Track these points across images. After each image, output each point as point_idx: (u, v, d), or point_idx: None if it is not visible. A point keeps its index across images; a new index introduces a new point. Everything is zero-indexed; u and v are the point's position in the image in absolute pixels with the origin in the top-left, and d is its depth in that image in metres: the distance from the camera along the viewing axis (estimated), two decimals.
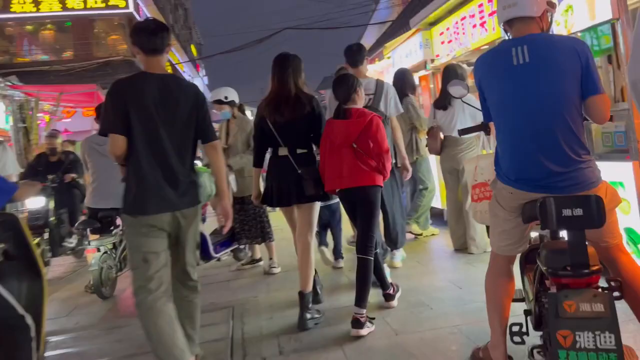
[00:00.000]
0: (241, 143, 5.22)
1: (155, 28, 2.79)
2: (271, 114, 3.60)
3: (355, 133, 3.40)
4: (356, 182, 3.41)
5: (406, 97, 5.73)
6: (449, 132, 5.00)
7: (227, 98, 5.19)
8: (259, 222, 5.25)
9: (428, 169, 5.88)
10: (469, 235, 4.96)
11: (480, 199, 3.04)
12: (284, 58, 3.67)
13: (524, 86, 2.17)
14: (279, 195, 3.67)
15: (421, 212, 5.86)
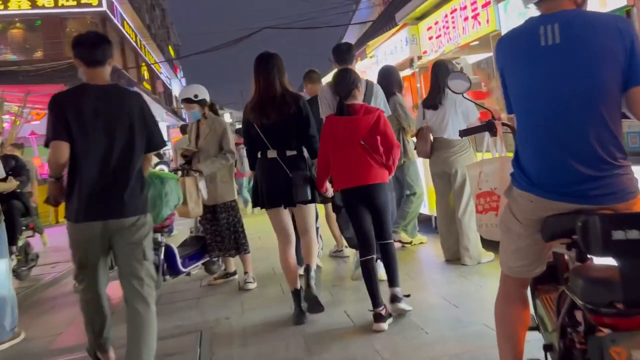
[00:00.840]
0: (213, 146, 4.75)
1: (96, 40, 2.87)
2: (257, 117, 3.54)
3: (364, 130, 3.35)
4: (367, 180, 3.37)
5: (393, 95, 5.32)
6: (440, 133, 4.60)
7: (197, 96, 4.72)
8: (233, 233, 4.78)
9: (416, 173, 5.48)
10: (462, 245, 4.56)
11: (486, 210, 2.63)
12: (267, 57, 3.59)
13: (552, 72, 1.74)
14: (269, 197, 3.62)
15: (409, 219, 5.45)
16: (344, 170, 3.43)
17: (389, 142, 3.43)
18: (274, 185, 3.59)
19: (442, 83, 4.58)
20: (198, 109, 4.75)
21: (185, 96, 4.75)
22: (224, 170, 4.79)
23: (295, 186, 3.50)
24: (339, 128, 3.42)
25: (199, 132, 4.83)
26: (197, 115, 4.79)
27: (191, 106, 4.73)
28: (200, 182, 4.62)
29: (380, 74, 5.48)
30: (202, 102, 4.75)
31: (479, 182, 2.68)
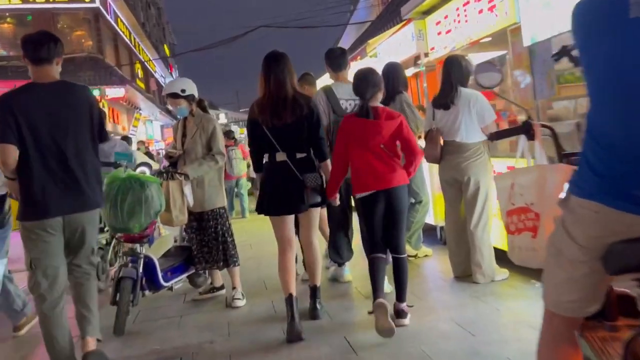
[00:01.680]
0: (201, 146, 4.29)
1: (42, 39, 2.93)
2: (268, 118, 3.40)
3: (386, 135, 3.30)
4: (390, 183, 3.32)
5: (399, 94, 4.87)
6: (451, 136, 4.16)
7: (184, 91, 4.26)
8: (222, 243, 4.32)
9: (422, 180, 5.04)
10: (474, 260, 4.11)
11: (520, 230, 2.18)
12: (278, 57, 3.47)
13: None
14: (278, 203, 3.48)
15: (414, 230, 5.01)
16: (364, 174, 3.34)
17: (412, 148, 3.37)
18: (284, 189, 3.44)
19: (455, 81, 4.15)
20: (185, 105, 4.29)
21: (171, 90, 4.29)
22: (213, 174, 4.33)
23: (308, 189, 3.39)
24: (360, 130, 3.31)
25: (186, 130, 4.37)
26: (184, 112, 4.33)
27: (177, 102, 4.26)
28: (186, 187, 4.16)
29: (384, 72, 5.03)
30: (190, 97, 4.29)
31: (510, 195, 2.23)
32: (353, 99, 4.16)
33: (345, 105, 4.23)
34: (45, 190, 2.83)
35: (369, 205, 3.39)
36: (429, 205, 5.08)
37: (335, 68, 4.33)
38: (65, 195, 2.86)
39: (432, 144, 4.26)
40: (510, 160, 4.32)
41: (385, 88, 4.97)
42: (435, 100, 4.30)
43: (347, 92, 4.12)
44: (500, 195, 2.39)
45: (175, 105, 4.29)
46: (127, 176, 3.71)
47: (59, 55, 2.96)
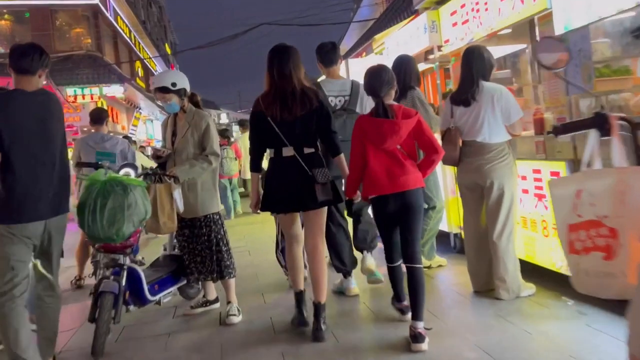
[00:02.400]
0: (194, 146, 3.87)
1: (27, 50, 3.00)
2: (276, 111, 3.26)
3: (404, 135, 3.14)
4: (407, 185, 3.16)
5: (411, 89, 4.47)
6: (472, 135, 3.73)
7: (175, 85, 3.83)
8: (216, 253, 3.89)
9: (436, 183, 4.60)
10: (497, 274, 3.68)
11: (587, 249, 1.74)
12: (282, 49, 3.34)
13: None
14: (286, 200, 3.33)
15: (427, 238, 4.57)
16: (378, 175, 3.17)
17: (435, 146, 3.21)
18: (292, 185, 3.29)
19: (476, 74, 3.72)
20: (176, 100, 3.86)
21: (160, 84, 3.86)
22: (206, 176, 3.91)
23: (319, 185, 3.24)
24: (376, 130, 3.15)
25: (176, 128, 3.95)
26: (174, 108, 3.90)
27: (167, 97, 3.84)
28: (176, 191, 3.73)
29: (395, 65, 4.61)
30: (182, 92, 3.86)
31: (575, 205, 1.80)
32: (343, 96, 4.08)
33: (334, 102, 4.07)
34: (16, 195, 2.86)
35: (382, 207, 3.24)
36: (443, 212, 4.64)
37: (326, 63, 4.18)
38: (45, 200, 2.94)
39: (451, 145, 3.82)
40: (535, 162, 3.90)
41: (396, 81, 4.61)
42: (453, 96, 3.87)
43: (337, 88, 4.10)
44: (559, 205, 1.94)
45: (164, 101, 3.87)
46: (108, 179, 3.29)
47: (43, 68, 3.02)
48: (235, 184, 10.01)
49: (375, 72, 3.27)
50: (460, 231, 5.10)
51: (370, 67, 3.38)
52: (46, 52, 3.07)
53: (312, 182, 3.24)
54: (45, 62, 3.02)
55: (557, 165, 3.62)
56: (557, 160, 3.68)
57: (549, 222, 3.74)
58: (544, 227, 3.80)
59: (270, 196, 3.37)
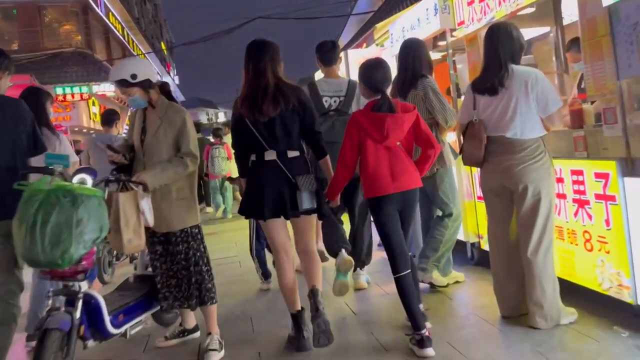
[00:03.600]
0: (167, 146, 3.23)
1: None
2: (249, 112, 3.06)
3: (406, 129, 3.04)
4: (409, 184, 3.04)
5: (422, 78, 3.83)
6: (500, 130, 3.09)
7: (135, 77, 3.19)
8: (195, 274, 3.26)
9: (452, 187, 3.96)
10: (532, 297, 3.04)
11: None
12: (259, 44, 3.15)
13: None
14: (267, 205, 3.08)
15: (443, 251, 3.93)
16: (383, 174, 2.99)
17: (433, 141, 3.07)
18: (275, 192, 3.07)
19: (504, 56, 3.09)
20: (140, 95, 3.22)
21: (117, 77, 3.20)
22: (183, 182, 3.28)
23: (301, 192, 3.05)
24: (379, 126, 2.95)
25: (146, 124, 3.31)
26: (140, 104, 3.26)
27: (128, 91, 3.20)
28: (144, 200, 3.09)
29: (403, 50, 3.98)
30: (145, 83, 3.22)
31: None
32: (338, 96, 3.99)
33: (329, 103, 3.99)
34: None
35: (385, 208, 3.03)
36: (460, 220, 4.00)
37: (325, 62, 4.13)
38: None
39: (474, 142, 3.18)
40: (574, 162, 3.27)
41: (403, 71, 3.97)
42: (476, 84, 3.22)
43: (333, 88, 4.02)
44: None
45: (126, 95, 3.23)
46: (55, 187, 2.64)
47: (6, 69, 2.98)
48: (226, 184, 9.64)
49: (376, 66, 3.11)
50: (478, 240, 4.48)
51: (367, 60, 3.20)
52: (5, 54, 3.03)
53: (294, 190, 3.04)
54: (4, 64, 2.96)
55: (605, 165, 2.99)
56: (603, 160, 3.04)
57: (593, 233, 3.11)
58: (587, 240, 3.17)
59: (251, 201, 3.14)
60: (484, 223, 4.25)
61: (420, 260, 3.90)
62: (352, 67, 7.52)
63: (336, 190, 3.13)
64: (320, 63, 4.15)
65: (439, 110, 3.73)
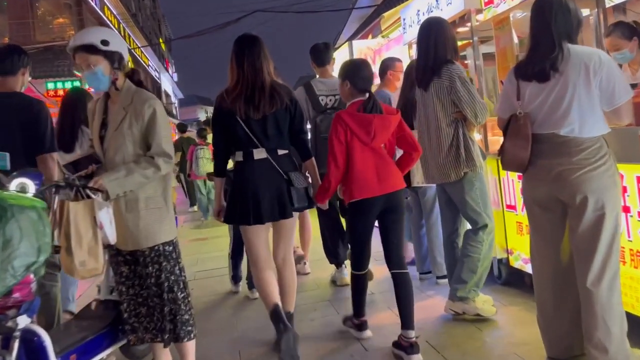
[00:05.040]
0: (133, 143, 2.60)
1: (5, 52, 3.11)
2: (244, 108, 2.91)
3: (392, 130, 3.03)
4: (395, 186, 3.01)
5: (447, 64, 3.19)
6: (552, 126, 2.46)
7: (106, 44, 2.56)
8: (169, 303, 2.64)
9: (483, 194, 3.32)
10: (592, 337, 2.39)
11: None
12: (253, 40, 3.02)
13: None
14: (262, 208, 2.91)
15: (482, 272, 3.27)
16: (368, 175, 2.97)
17: (415, 144, 3.13)
18: (267, 191, 2.95)
19: (558, 33, 2.45)
20: (104, 68, 2.58)
21: (83, 41, 2.57)
22: (154, 188, 2.65)
23: (297, 189, 2.98)
24: (366, 127, 2.95)
25: (107, 116, 2.67)
26: (102, 82, 2.61)
27: (92, 60, 2.56)
28: (103, 211, 2.46)
29: (422, 32, 3.35)
30: (115, 57, 2.60)
31: None
32: (334, 95, 4.10)
33: (325, 102, 4.13)
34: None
35: (369, 211, 3.01)
36: (494, 232, 3.36)
37: (319, 63, 4.27)
38: None
39: (518, 140, 2.54)
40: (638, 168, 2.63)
41: (424, 56, 3.34)
42: (522, 68, 2.58)
43: (329, 87, 4.14)
44: None
45: (87, 66, 2.57)
46: None
47: (25, 66, 3.11)
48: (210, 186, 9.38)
49: (362, 65, 3.14)
50: (506, 255, 3.85)
51: (351, 60, 3.28)
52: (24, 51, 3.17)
53: (288, 187, 2.96)
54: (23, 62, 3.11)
55: None
56: None
57: None
58: None
59: (240, 206, 2.96)
60: (513, 236, 3.63)
61: (456, 288, 3.30)
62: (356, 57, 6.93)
63: (329, 192, 3.05)
64: (314, 64, 4.32)
65: (467, 102, 3.10)
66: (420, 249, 4.34)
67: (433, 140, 3.28)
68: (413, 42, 5.25)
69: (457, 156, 3.17)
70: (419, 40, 3.39)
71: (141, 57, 28.98)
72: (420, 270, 4.34)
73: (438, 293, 3.91)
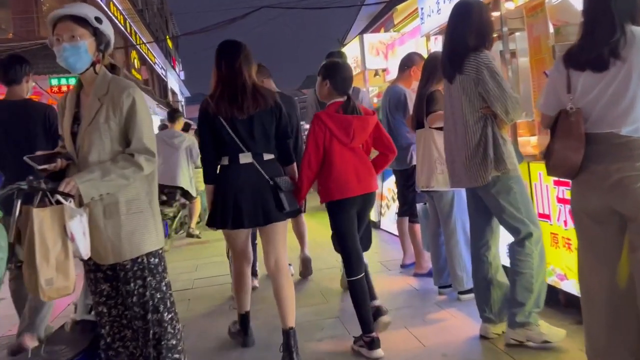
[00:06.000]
0: (111, 139, 2.22)
1: (9, 62, 3.40)
2: (228, 108, 2.88)
3: (370, 132, 3.12)
4: (372, 187, 3.10)
5: (474, 53, 2.77)
6: (608, 124, 2.06)
7: (100, 21, 2.23)
8: (154, 325, 2.26)
9: (525, 198, 2.84)
10: None
11: None
12: (231, 44, 3.04)
13: None
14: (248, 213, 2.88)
15: (539, 288, 2.80)
16: (347, 175, 3.00)
17: (392, 146, 3.22)
18: (253, 197, 2.87)
19: (619, 14, 2.04)
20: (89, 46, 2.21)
21: (74, 12, 2.19)
22: (136, 188, 2.27)
23: (285, 193, 2.91)
24: (345, 128, 3.00)
25: (80, 110, 2.29)
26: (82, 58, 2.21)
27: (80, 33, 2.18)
28: (75, 220, 2.07)
29: (452, 14, 2.94)
30: (103, 39, 2.25)
31: None
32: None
33: None
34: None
35: (349, 211, 3.06)
36: (542, 240, 2.91)
37: None
38: None
39: (570, 140, 2.13)
40: None
41: (448, 44, 2.95)
42: (574, 54, 2.17)
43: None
44: None
45: (71, 38, 2.18)
46: None
47: (28, 74, 3.42)
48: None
49: (344, 67, 3.20)
50: None
51: (332, 61, 3.30)
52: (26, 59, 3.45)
53: (275, 192, 2.91)
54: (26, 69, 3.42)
55: None
56: None
57: None
58: None
59: (220, 209, 2.93)
60: (547, 248, 3.21)
61: (515, 313, 2.81)
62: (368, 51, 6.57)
63: (302, 194, 3.07)
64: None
65: (496, 95, 2.69)
66: (438, 260, 3.94)
67: (459, 139, 2.87)
68: (432, 34, 4.86)
69: (484, 157, 2.74)
70: (447, 24, 2.99)
71: (148, 54, 28.72)
72: (438, 283, 3.94)
73: (460, 310, 3.51)
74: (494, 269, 2.97)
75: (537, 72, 3.48)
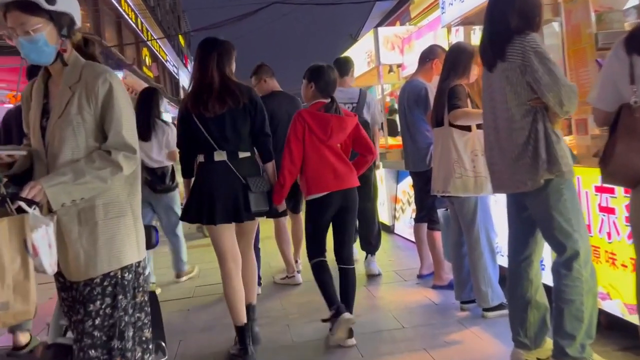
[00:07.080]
0: (84, 133, 1.88)
1: None
2: (195, 106, 2.97)
3: (348, 133, 3.22)
4: (351, 182, 3.19)
5: (519, 37, 2.38)
6: None
7: (53, 2, 1.84)
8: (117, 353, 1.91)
9: (576, 207, 2.42)
10: None
11: None
12: (208, 41, 3.11)
13: None
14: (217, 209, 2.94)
15: (591, 315, 2.39)
16: (324, 172, 3.12)
17: (371, 147, 3.33)
18: (226, 195, 2.95)
19: None
20: (48, 35, 1.86)
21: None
22: (115, 191, 1.93)
23: (254, 194, 2.98)
24: (324, 126, 3.11)
25: (49, 101, 1.96)
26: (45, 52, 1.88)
27: (34, 23, 1.83)
28: (38, 231, 1.73)
29: None
30: (64, 21, 1.90)
31: None
32: (351, 103, 4.32)
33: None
34: None
35: (324, 206, 3.16)
36: (591, 258, 2.51)
37: (340, 74, 4.16)
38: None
39: (633, 141, 1.76)
40: None
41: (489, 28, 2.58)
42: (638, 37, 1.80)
43: (346, 96, 4.34)
44: None
45: (24, 32, 1.84)
46: None
47: None
48: None
49: (328, 70, 3.26)
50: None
51: (318, 64, 3.32)
52: None
53: (245, 191, 2.96)
54: None
55: None
56: None
57: None
58: None
59: (197, 204, 3.00)
60: (607, 272, 2.81)
61: (564, 345, 2.39)
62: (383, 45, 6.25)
63: (284, 188, 3.09)
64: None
65: (547, 85, 2.29)
66: (461, 272, 3.56)
67: (502, 137, 2.46)
68: (453, 24, 4.50)
69: (535, 157, 2.32)
70: (488, 5, 2.61)
71: (159, 51, 28.58)
72: (460, 297, 3.56)
73: (485, 330, 3.15)
74: (534, 288, 2.57)
75: (576, 64, 3.11)
